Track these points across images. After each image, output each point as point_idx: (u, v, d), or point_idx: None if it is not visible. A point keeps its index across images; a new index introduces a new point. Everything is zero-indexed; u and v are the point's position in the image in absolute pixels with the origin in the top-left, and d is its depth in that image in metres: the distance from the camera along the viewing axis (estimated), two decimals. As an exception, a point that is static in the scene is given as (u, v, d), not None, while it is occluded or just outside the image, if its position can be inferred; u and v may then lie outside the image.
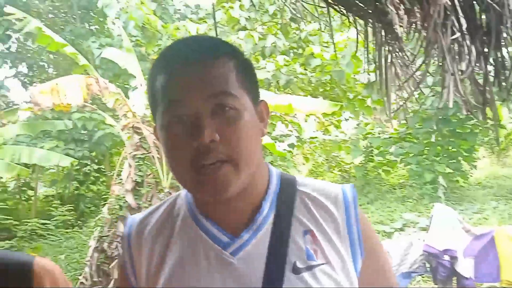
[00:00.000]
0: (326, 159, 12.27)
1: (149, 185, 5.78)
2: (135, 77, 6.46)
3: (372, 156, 11.34)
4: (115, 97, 5.83)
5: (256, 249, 0.80)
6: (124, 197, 5.66)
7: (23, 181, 11.39)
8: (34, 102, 5.43)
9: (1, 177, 9.85)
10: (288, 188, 0.86)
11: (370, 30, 1.77)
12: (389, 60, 1.67)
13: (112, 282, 5.48)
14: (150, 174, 5.84)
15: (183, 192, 0.90)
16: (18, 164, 6.63)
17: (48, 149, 8.48)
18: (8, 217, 9.21)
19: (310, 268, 0.78)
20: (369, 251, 0.84)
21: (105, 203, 6.65)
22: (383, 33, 1.69)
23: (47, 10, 12.41)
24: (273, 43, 8.25)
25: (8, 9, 5.72)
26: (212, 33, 8.84)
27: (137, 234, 0.88)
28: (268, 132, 6.50)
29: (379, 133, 11.06)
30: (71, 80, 5.65)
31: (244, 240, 0.80)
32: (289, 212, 0.83)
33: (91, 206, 10.93)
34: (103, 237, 5.65)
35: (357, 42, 1.77)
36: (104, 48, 9.05)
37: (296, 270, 0.78)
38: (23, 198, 11.38)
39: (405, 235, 6.46)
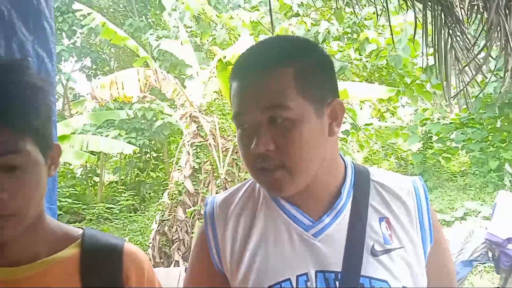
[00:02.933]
0: (382, 146, 11.98)
1: (206, 172, 5.99)
2: (192, 67, 6.66)
3: (431, 142, 10.90)
4: (173, 88, 6.06)
5: (336, 232, 0.87)
6: (183, 183, 5.91)
7: (90, 168, 12.15)
8: (93, 96, 5.77)
9: (70, 163, 10.57)
10: (362, 178, 0.93)
11: (429, 13, 1.74)
12: (449, 44, 1.64)
13: (172, 263, 5.77)
14: (207, 161, 6.04)
15: None
16: (86, 151, 7.09)
17: (112, 138, 8.98)
18: (78, 202, 9.89)
19: (387, 251, 0.85)
20: (436, 239, 0.91)
21: (165, 189, 6.97)
22: (442, 16, 1.66)
23: (108, 5, 13.00)
24: (327, 28, 8.14)
25: (76, 5, 6.09)
26: (264, 21, 8.87)
27: (221, 212, 0.93)
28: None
29: (438, 119, 10.62)
30: (130, 73, 5.94)
31: (325, 224, 0.87)
32: (365, 200, 0.90)
33: (151, 192, 11.45)
34: (164, 221, 5.95)
35: (415, 26, 1.74)
36: (161, 40, 9.36)
37: (374, 253, 0.85)
38: (90, 184, 12.13)
39: (467, 224, 6.22)
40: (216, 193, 5.94)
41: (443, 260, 0.94)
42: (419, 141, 10.77)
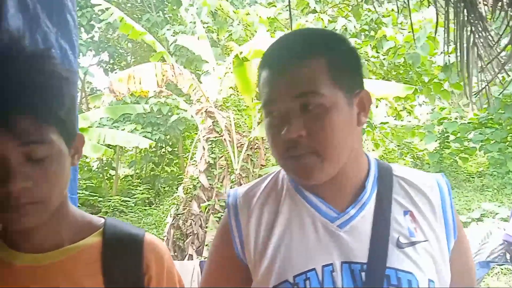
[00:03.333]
0: (398, 145, 11.86)
1: (221, 167, 6.02)
2: (208, 62, 6.68)
3: (448, 142, 10.75)
4: (189, 83, 6.09)
5: (361, 224, 0.87)
6: (198, 177, 5.95)
7: (106, 161, 12.31)
8: (111, 90, 5.84)
9: (87, 156, 10.71)
10: (385, 172, 0.94)
11: (451, 9, 1.71)
12: (471, 41, 1.62)
13: (186, 257, 5.82)
14: (222, 156, 6.07)
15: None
16: (102, 145, 7.18)
17: (128, 132, 9.07)
18: (94, 194, 10.04)
19: (412, 243, 0.86)
20: (458, 236, 0.91)
21: (179, 183, 7.03)
22: (465, 13, 1.63)
23: (125, 0, 13.10)
24: (344, 25, 8.08)
25: (94, 0, 6.15)
26: (280, 17, 8.84)
27: (245, 204, 0.94)
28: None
29: (456, 118, 10.46)
30: (147, 68, 5.99)
31: (350, 215, 0.88)
32: (388, 194, 0.90)
33: (166, 186, 11.56)
34: (179, 215, 6.00)
35: (437, 23, 1.72)
36: (177, 35, 9.41)
37: (399, 245, 0.85)
38: (106, 177, 12.30)
39: (484, 225, 6.14)
40: (230, 188, 5.96)
41: (465, 257, 0.94)
42: (436, 141, 10.63)
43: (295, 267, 0.84)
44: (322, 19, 7.91)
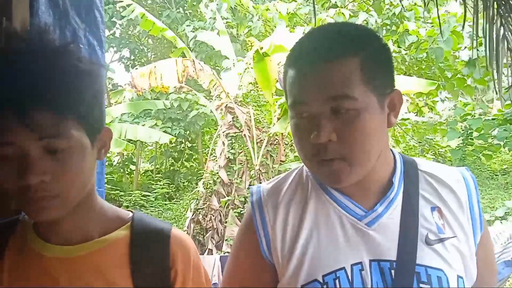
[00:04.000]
0: (419, 142, 11.68)
1: (241, 163, 6.04)
2: (228, 58, 6.69)
3: (471, 139, 10.53)
4: (209, 78, 6.11)
5: (389, 221, 0.86)
6: (217, 173, 5.98)
7: (126, 156, 12.48)
8: (133, 85, 5.90)
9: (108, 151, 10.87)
10: (411, 168, 0.92)
11: (480, 2, 1.67)
12: (501, 34, 1.57)
13: (206, 251, 5.87)
14: (241, 152, 6.09)
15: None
16: (124, 140, 7.28)
17: (149, 127, 9.18)
18: (115, 188, 10.20)
19: (441, 240, 0.85)
20: (484, 227, 0.90)
21: (199, 179, 7.08)
22: (495, 5, 1.59)
23: (146, -4, 13.21)
24: (365, 20, 7.97)
25: (116, -3, 6.22)
26: (300, 12, 8.77)
27: (270, 201, 0.91)
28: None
29: (480, 115, 10.23)
30: (169, 63, 6.03)
31: (378, 213, 0.87)
32: (415, 189, 0.89)
33: (185, 181, 11.65)
34: (199, 210, 6.05)
35: (465, 16, 1.68)
36: (197, 31, 9.45)
37: (428, 242, 0.84)
38: (126, 172, 12.47)
39: (508, 224, 6.00)
40: (250, 184, 5.97)
41: (489, 249, 0.94)
42: (459, 137, 10.42)
43: (324, 266, 0.83)
44: (343, 13, 7.82)
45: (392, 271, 0.81)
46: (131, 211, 0.94)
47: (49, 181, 0.74)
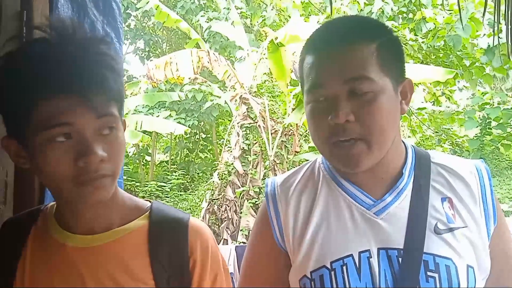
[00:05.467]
0: (436, 132, 11.52)
1: (255, 153, 6.05)
2: (242, 49, 6.67)
3: (490, 128, 10.35)
4: (224, 69, 6.11)
5: (398, 211, 0.87)
6: (232, 163, 6.01)
7: (141, 147, 12.60)
8: (149, 76, 5.94)
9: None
10: (422, 159, 0.94)
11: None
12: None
13: (221, 241, 5.92)
14: (256, 142, 6.09)
15: (319, 158, 1.00)
16: (139, 131, 7.35)
17: (163, 118, 9.24)
18: (131, 179, 10.32)
19: (451, 230, 0.86)
20: (498, 221, 0.90)
21: (213, 169, 7.12)
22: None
23: (160, -12, 13.19)
24: (381, 8, 7.84)
25: (131, -11, 6.23)
26: (314, 1, 8.67)
27: (282, 192, 0.96)
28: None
29: (498, 104, 10.04)
30: (184, 54, 6.05)
31: (387, 202, 0.88)
32: (426, 180, 0.90)
33: (200, 172, 11.73)
34: (214, 200, 6.09)
35: (486, 2, 1.64)
36: (211, 21, 9.42)
37: (437, 231, 0.85)
38: (142, 163, 12.60)
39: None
40: (264, 174, 5.98)
41: (506, 242, 0.93)
42: (476, 127, 10.25)
43: (333, 253, 0.86)
44: (358, 2, 7.71)
45: (400, 259, 0.83)
46: (149, 201, 0.95)
47: (107, 160, 0.77)
